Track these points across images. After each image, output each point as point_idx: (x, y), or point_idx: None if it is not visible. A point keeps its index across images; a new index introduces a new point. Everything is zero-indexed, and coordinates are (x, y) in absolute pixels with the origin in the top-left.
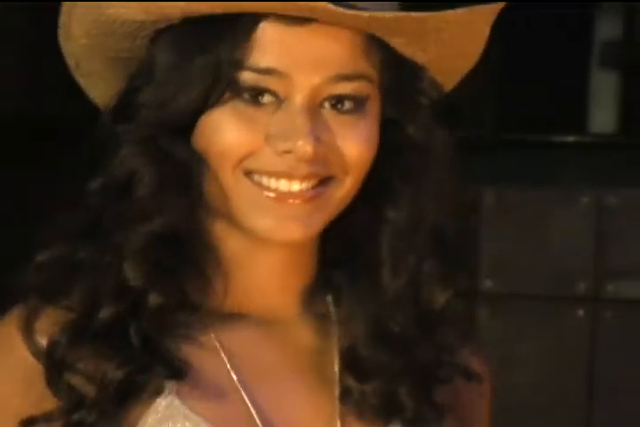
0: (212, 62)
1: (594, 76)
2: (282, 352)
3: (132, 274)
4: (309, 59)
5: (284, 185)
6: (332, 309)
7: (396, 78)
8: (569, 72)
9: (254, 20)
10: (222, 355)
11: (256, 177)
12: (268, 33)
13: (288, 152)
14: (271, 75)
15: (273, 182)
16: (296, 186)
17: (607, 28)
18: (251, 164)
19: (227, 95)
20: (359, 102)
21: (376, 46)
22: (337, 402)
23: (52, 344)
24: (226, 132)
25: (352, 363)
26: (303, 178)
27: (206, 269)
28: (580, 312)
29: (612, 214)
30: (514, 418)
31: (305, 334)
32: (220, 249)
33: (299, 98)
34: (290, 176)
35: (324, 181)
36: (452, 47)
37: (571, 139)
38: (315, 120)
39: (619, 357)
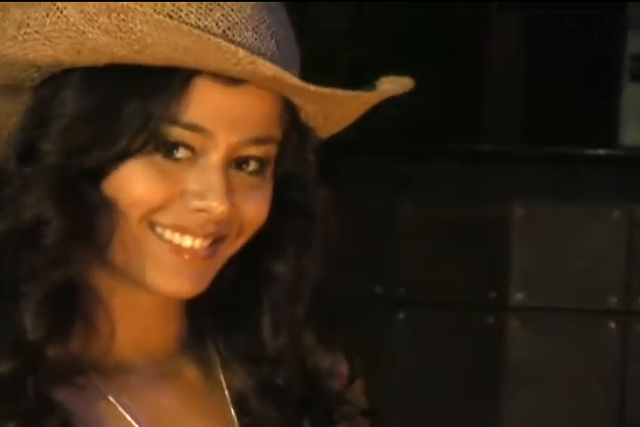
0: (142, 113)
1: (625, 89)
2: (176, 396)
3: (31, 326)
4: (235, 119)
5: (186, 241)
6: (213, 353)
7: (293, 139)
8: (600, 86)
9: (190, 75)
10: (118, 407)
11: (159, 230)
12: (202, 90)
13: (202, 211)
14: (197, 132)
15: (177, 237)
16: (197, 243)
17: (638, 41)
18: (159, 217)
19: (147, 147)
20: (263, 165)
21: (287, 109)
22: None
23: None
24: (140, 183)
25: (246, 411)
26: (205, 236)
27: (95, 319)
28: (612, 325)
29: None
30: None
31: (192, 377)
32: (108, 297)
33: (216, 156)
34: (195, 233)
35: (218, 240)
36: (348, 117)
37: (602, 152)
38: (227, 180)
39: None
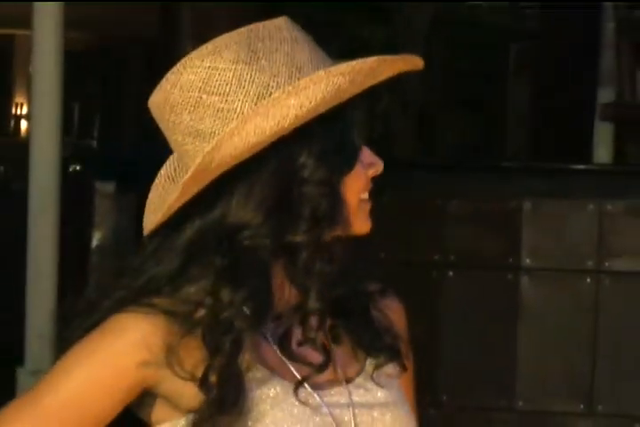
0: (353, 134)
1: (597, 125)
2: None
3: (314, 298)
4: None
5: (367, 195)
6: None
7: None
8: (582, 122)
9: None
10: (273, 346)
11: (362, 197)
12: None
13: (376, 171)
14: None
15: (365, 195)
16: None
17: (605, 92)
18: (365, 189)
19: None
20: None
21: None
22: (351, 345)
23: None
24: (361, 175)
25: (347, 319)
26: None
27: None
28: (588, 280)
29: (610, 217)
30: None
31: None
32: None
33: None
34: (368, 188)
35: None
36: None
37: (581, 167)
38: None
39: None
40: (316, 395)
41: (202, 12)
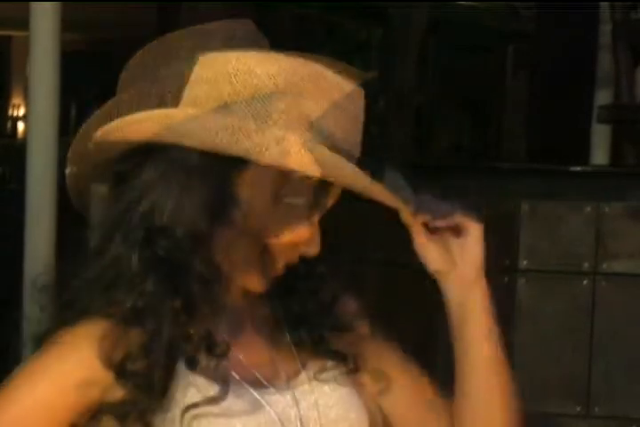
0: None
1: (594, 127)
2: (254, 327)
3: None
4: None
5: (301, 200)
6: (276, 303)
7: None
8: (580, 124)
9: None
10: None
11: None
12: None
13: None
14: None
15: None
16: None
17: (601, 95)
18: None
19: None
20: None
21: None
22: (292, 347)
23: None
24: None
25: (293, 325)
26: None
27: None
28: (584, 282)
29: (607, 219)
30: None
31: (264, 314)
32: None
33: None
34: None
35: None
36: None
37: (579, 169)
38: None
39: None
40: (255, 393)
41: (201, 13)
